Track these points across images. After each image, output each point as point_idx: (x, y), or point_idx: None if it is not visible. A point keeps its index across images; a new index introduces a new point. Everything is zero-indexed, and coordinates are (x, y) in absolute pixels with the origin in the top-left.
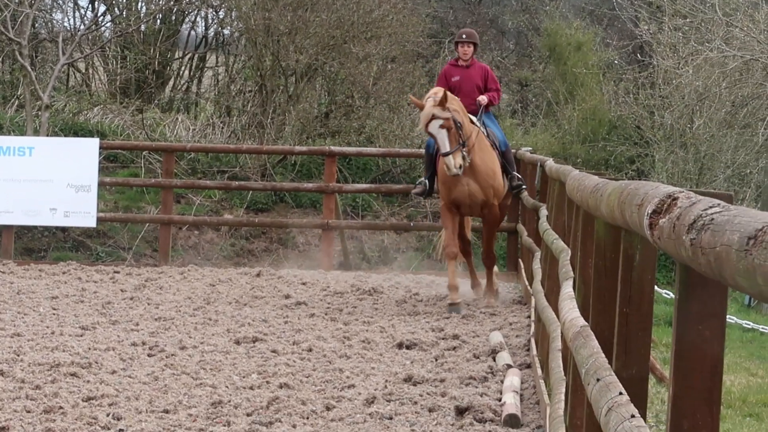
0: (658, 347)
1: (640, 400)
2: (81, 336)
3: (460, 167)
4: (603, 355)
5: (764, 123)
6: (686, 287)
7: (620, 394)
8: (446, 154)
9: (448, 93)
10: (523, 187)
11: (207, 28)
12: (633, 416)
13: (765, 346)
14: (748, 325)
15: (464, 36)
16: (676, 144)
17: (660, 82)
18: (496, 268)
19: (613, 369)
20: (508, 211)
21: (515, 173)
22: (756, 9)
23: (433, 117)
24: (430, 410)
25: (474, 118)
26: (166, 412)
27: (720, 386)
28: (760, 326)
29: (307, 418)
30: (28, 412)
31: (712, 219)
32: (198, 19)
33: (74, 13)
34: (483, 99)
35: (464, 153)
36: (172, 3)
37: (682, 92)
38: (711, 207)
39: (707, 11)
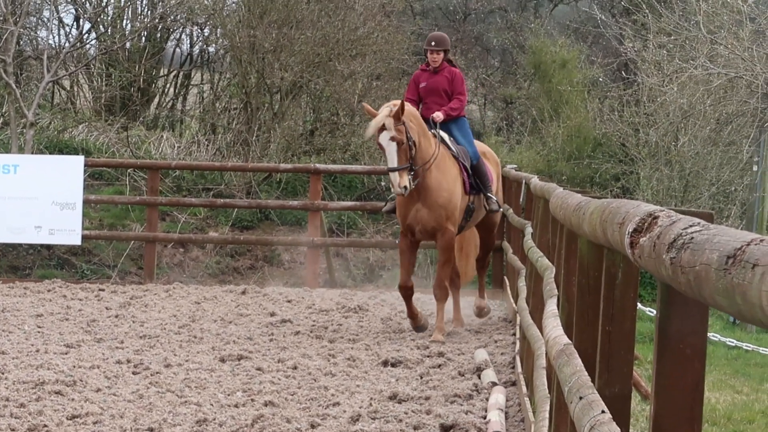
0: (643, 364)
1: (622, 417)
2: (66, 354)
3: (405, 189)
4: (586, 373)
5: (749, 140)
6: (667, 305)
7: (603, 412)
8: (392, 170)
9: (409, 107)
10: (499, 209)
11: (192, 46)
12: None
13: (750, 364)
14: (732, 342)
15: (433, 43)
16: (660, 161)
17: (645, 100)
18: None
19: (595, 387)
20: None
21: (491, 195)
22: (740, 27)
23: (384, 128)
24: (415, 428)
25: (444, 134)
26: (151, 430)
27: (701, 403)
28: (744, 344)
29: None
30: (13, 430)
31: (692, 238)
32: (183, 36)
33: (59, 30)
34: (438, 116)
35: (411, 176)
36: (157, 21)
37: (667, 110)
38: (691, 226)
39: (691, 29)
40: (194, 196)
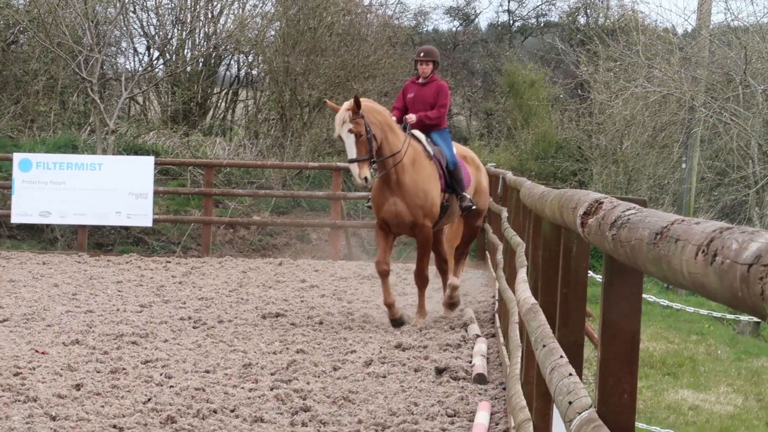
0: (596, 321)
1: (576, 361)
2: (140, 312)
3: (366, 180)
4: (548, 326)
5: (678, 144)
6: (610, 273)
7: (561, 357)
8: (351, 161)
9: (372, 103)
10: (473, 208)
11: (239, 70)
12: (570, 374)
13: (680, 320)
14: (665, 303)
15: (422, 54)
16: (609, 160)
17: (596, 112)
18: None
19: (556, 337)
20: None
21: (465, 194)
22: (671, 54)
23: (344, 121)
24: (416, 370)
25: (419, 134)
26: (207, 372)
27: (637, 351)
28: (675, 304)
29: (318, 376)
30: (98, 372)
31: (629, 219)
32: (232, 62)
33: (134, 57)
34: (411, 117)
35: (373, 168)
36: (211, 50)
37: (614, 120)
38: (628, 209)
39: (633, 56)
40: (241, 188)
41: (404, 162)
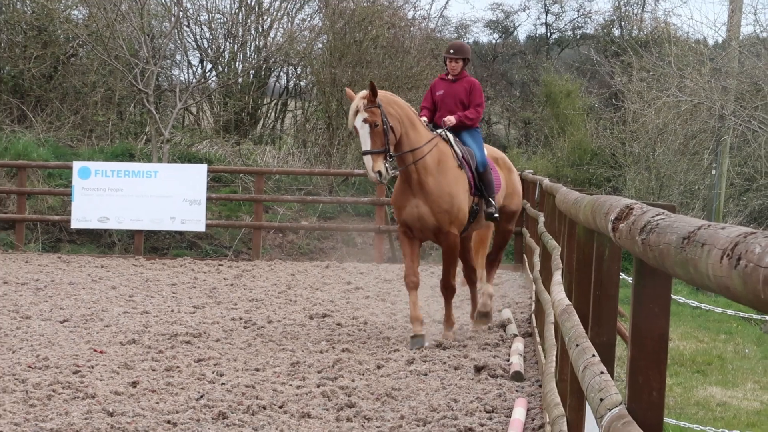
0: (628, 320)
1: (608, 360)
2: (193, 313)
3: (380, 174)
4: (581, 326)
5: (708, 151)
6: (640, 275)
7: (593, 356)
8: (365, 153)
9: (389, 93)
10: (496, 216)
11: (288, 81)
12: (602, 372)
13: (709, 320)
14: (694, 304)
15: (452, 51)
16: (642, 167)
17: (629, 120)
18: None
19: (588, 337)
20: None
21: (492, 200)
22: (702, 64)
23: (358, 111)
24: (456, 368)
25: (448, 134)
26: (257, 369)
27: (666, 351)
28: (704, 305)
29: (363, 374)
30: (153, 370)
31: (658, 224)
32: (281, 73)
33: (188, 69)
34: (450, 119)
35: (389, 162)
36: (261, 62)
37: (646, 128)
38: (658, 215)
39: (665, 67)
40: (290, 194)
41: (427, 161)
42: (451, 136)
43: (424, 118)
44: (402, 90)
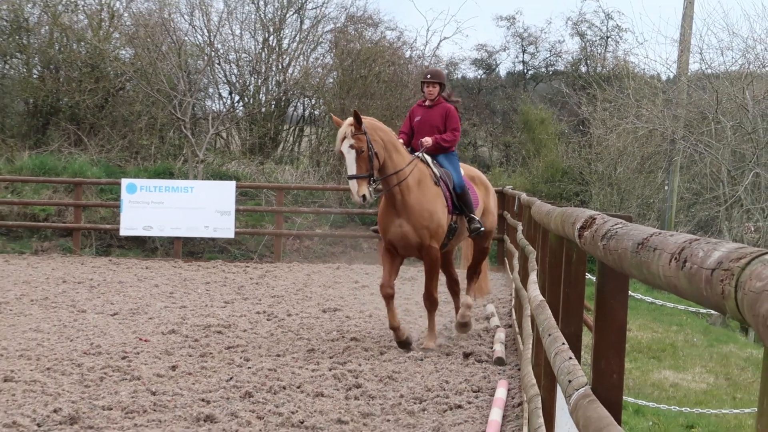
0: (593, 313)
1: (576, 347)
2: (224, 307)
3: (364, 198)
4: (553, 318)
5: (662, 170)
6: (602, 275)
7: (563, 344)
8: (350, 177)
9: (373, 120)
10: (481, 229)
11: (304, 110)
12: (570, 358)
13: (663, 314)
14: (650, 299)
15: (429, 76)
16: (605, 183)
17: (594, 144)
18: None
19: (559, 328)
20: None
21: (474, 216)
22: (656, 96)
23: (345, 137)
24: (447, 355)
25: (426, 156)
26: (278, 355)
27: (624, 339)
28: (658, 300)
29: (368, 359)
30: (190, 356)
31: (616, 232)
32: (298, 104)
33: (219, 100)
34: (427, 140)
35: (373, 187)
36: (281, 94)
37: (609, 150)
38: (616, 224)
39: (625, 98)
40: (306, 207)
41: (409, 182)
42: (429, 159)
43: (400, 140)
44: (401, 118)
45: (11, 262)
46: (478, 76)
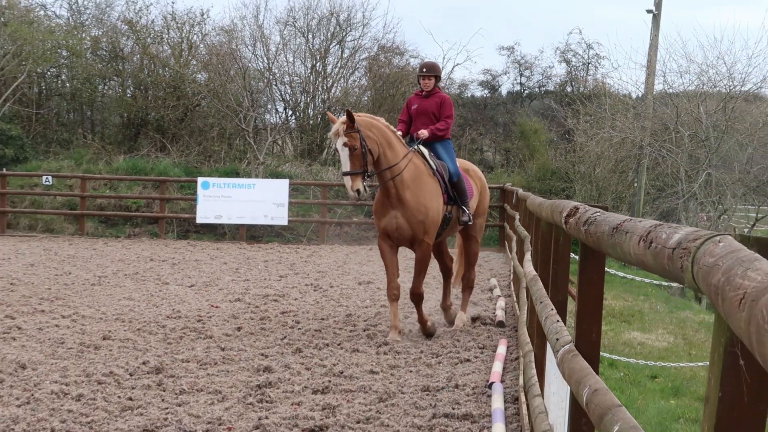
0: (576, 285)
1: (562, 312)
2: (279, 280)
3: (358, 192)
4: (544, 289)
5: (632, 170)
6: (583, 254)
7: (552, 309)
8: (345, 174)
9: (367, 117)
10: (469, 223)
11: None
12: (558, 321)
13: (632, 286)
14: (622, 274)
15: (425, 69)
16: (586, 181)
17: (577, 149)
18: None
19: (549, 296)
20: (490, 216)
21: (465, 208)
22: (627, 111)
23: (338, 134)
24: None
25: (423, 149)
26: (323, 319)
27: (602, 306)
28: (629, 275)
29: None
30: (252, 319)
31: (595, 219)
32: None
33: (275, 114)
34: (423, 133)
35: (367, 181)
36: (326, 109)
37: (589, 155)
38: (595, 213)
39: (602, 112)
40: (345, 200)
41: (404, 176)
42: (425, 151)
43: (399, 132)
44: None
45: (109, 245)
46: (484, 95)
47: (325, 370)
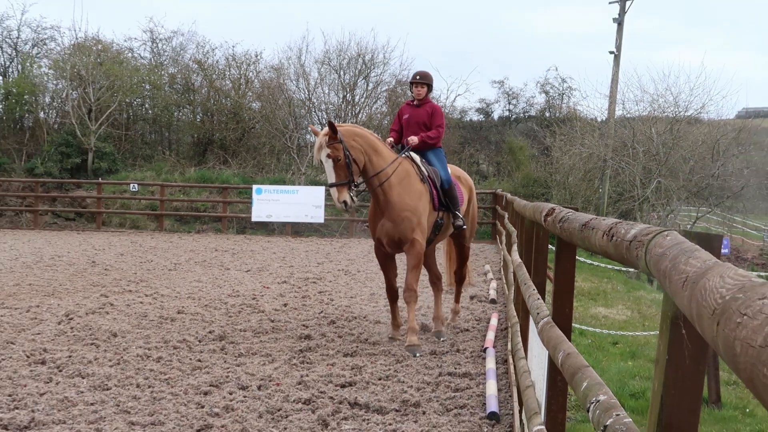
0: (554, 270)
1: (542, 291)
2: (317, 266)
3: (346, 204)
4: (527, 273)
5: (597, 179)
6: (559, 245)
7: (533, 290)
8: (330, 186)
9: (350, 126)
10: (464, 227)
11: None
12: (538, 298)
13: (598, 270)
14: (590, 262)
15: (417, 77)
16: (561, 188)
17: (554, 162)
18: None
19: (531, 278)
20: (480, 216)
21: (458, 213)
22: (594, 131)
23: (321, 146)
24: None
25: (414, 155)
26: (351, 297)
27: (573, 286)
28: (595, 262)
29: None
30: (295, 297)
31: (568, 217)
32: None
33: (314, 136)
34: (413, 139)
35: (354, 191)
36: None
37: (563, 166)
38: (568, 213)
39: (574, 133)
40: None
41: (392, 181)
42: (417, 158)
43: (391, 139)
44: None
45: (182, 238)
46: (480, 119)
47: (354, 337)
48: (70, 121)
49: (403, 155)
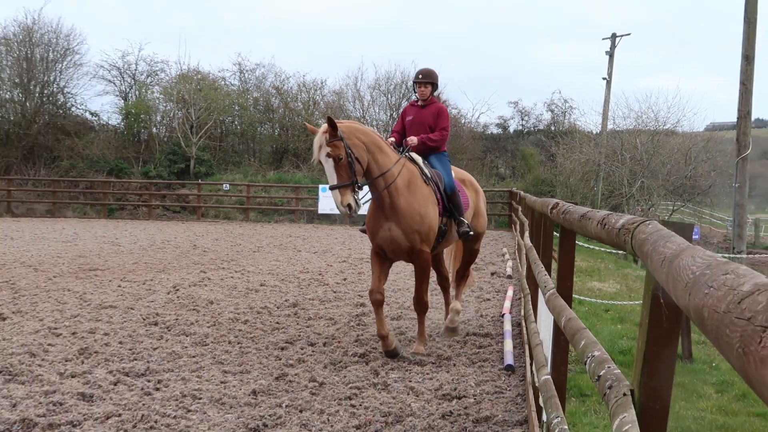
0: (558, 252)
1: (548, 268)
2: (345, 249)
3: (350, 207)
4: (537, 253)
5: (593, 180)
6: (562, 232)
7: (542, 267)
8: (332, 188)
9: (352, 123)
10: (470, 233)
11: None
12: (546, 274)
13: (593, 252)
14: (586, 245)
15: (421, 76)
16: (563, 187)
17: (558, 166)
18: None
19: (540, 259)
20: (492, 216)
21: (463, 219)
22: (590, 141)
23: (321, 146)
24: (477, 269)
25: (417, 157)
26: (397, 273)
27: (573, 264)
28: (592, 246)
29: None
30: (353, 273)
31: (569, 210)
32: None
33: None
34: (412, 140)
35: (357, 192)
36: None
37: (566, 170)
38: (569, 206)
39: (574, 143)
40: None
41: (398, 184)
42: (419, 159)
43: (392, 139)
44: (455, 159)
45: (264, 227)
46: (498, 132)
47: (398, 305)
48: (176, 135)
49: (404, 155)
